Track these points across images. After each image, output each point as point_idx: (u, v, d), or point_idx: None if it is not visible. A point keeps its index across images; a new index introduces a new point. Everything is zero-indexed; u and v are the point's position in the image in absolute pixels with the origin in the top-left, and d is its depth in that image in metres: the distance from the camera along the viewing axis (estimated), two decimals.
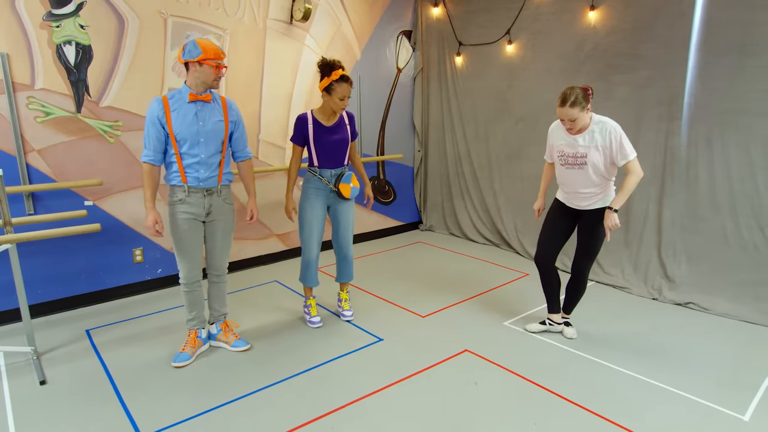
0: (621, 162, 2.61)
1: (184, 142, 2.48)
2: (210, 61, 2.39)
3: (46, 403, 2.38)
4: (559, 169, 2.84)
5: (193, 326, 2.79)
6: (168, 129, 2.45)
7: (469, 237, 5.15)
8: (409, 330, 3.13)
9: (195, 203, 2.57)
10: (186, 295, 2.73)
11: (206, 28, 3.77)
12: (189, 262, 2.64)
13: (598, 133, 2.63)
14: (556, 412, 2.30)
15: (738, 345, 2.92)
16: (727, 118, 3.29)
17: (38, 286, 3.33)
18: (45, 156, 3.25)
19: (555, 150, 2.82)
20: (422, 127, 5.47)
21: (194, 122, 2.48)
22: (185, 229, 2.57)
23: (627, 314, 3.34)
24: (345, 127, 3.01)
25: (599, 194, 2.73)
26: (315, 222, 3.02)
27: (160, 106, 2.44)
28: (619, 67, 3.73)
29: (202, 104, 2.51)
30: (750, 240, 3.26)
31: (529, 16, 4.34)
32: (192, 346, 2.77)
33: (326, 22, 4.48)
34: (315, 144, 2.95)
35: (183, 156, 2.49)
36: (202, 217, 2.62)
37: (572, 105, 2.53)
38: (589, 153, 2.65)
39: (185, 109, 2.47)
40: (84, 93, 3.33)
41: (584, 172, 2.69)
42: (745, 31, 3.15)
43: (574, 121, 2.59)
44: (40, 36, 3.13)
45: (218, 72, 2.44)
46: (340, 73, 2.79)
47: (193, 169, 2.52)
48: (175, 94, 2.49)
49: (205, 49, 2.37)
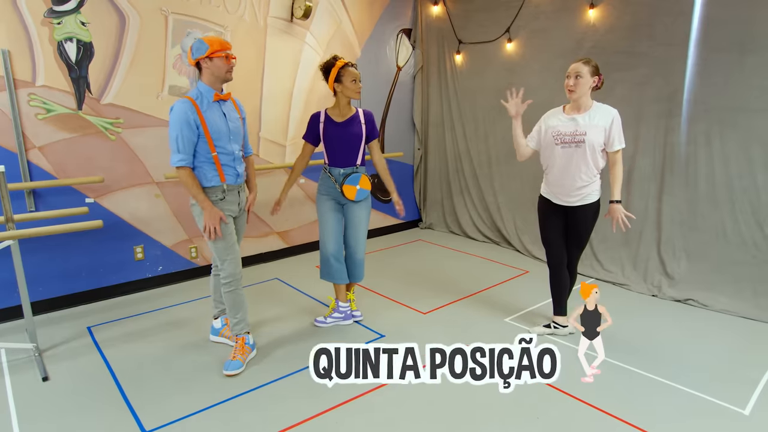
0: (616, 146, 2.67)
1: (219, 141, 2.48)
2: (219, 52, 2.39)
3: (49, 400, 2.38)
4: (551, 154, 2.80)
5: (241, 330, 2.68)
6: (204, 129, 2.42)
7: (468, 235, 5.16)
8: (411, 327, 3.14)
9: (232, 201, 2.58)
10: (231, 295, 2.62)
11: (207, 26, 3.77)
12: (236, 258, 2.59)
13: (600, 115, 2.68)
14: (557, 406, 2.31)
15: (737, 340, 2.93)
16: (727, 115, 3.30)
17: (40, 284, 3.32)
18: (46, 153, 3.25)
19: (550, 132, 2.79)
20: (422, 125, 5.48)
21: (224, 121, 2.50)
22: (229, 225, 2.55)
23: (627, 311, 3.36)
24: (359, 125, 2.94)
25: (586, 187, 2.73)
26: (329, 218, 2.99)
27: (191, 108, 2.39)
28: (619, 65, 3.74)
29: (223, 103, 2.53)
30: (749, 236, 3.28)
31: (528, 14, 4.35)
32: (242, 354, 2.63)
33: (327, 20, 4.48)
34: (325, 140, 2.94)
35: (219, 155, 2.49)
36: (236, 213, 2.63)
37: (585, 63, 2.65)
38: (589, 131, 2.67)
39: (213, 108, 2.47)
40: (85, 90, 3.33)
41: (581, 151, 2.69)
42: (744, 29, 3.16)
43: (578, 80, 2.64)
44: (41, 33, 3.13)
45: (229, 62, 2.44)
46: (344, 62, 2.84)
47: (231, 167, 2.54)
48: (196, 94, 2.45)
49: (211, 42, 2.38)
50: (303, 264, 4.38)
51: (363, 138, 2.96)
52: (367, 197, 3.02)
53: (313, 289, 3.76)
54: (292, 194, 4.53)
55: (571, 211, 2.82)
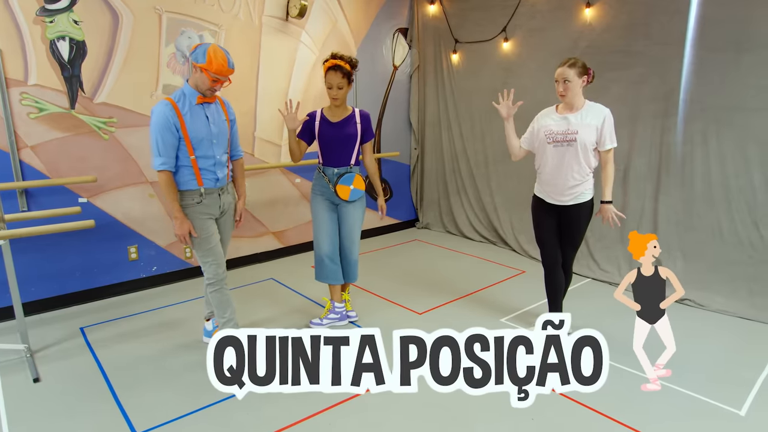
0: (607, 145, 2.67)
1: (199, 145, 2.44)
2: (209, 73, 2.33)
3: (40, 401, 2.36)
4: (544, 154, 2.80)
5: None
6: (183, 133, 2.38)
7: (465, 235, 5.15)
8: (406, 327, 3.11)
9: (211, 204, 2.54)
10: (216, 295, 2.60)
11: (201, 24, 3.75)
12: (217, 260, 2.58)
13: (592, 114, 2.67)
14: (552, 407, 2.30)
15: (734, 340, 2.93)
16: (723, 115, 3.29)
17: (32, 284, 3.30)
18: (38, 152, 3.22)
19: (542, 132, 2.78)
20: (418, 125, 5.46)
21: (206, 124, 2.46)
22: (208, 228, 2.53)
23: (623, 311, 3.31)
24: (354, 125, 2.92)
25: (579, 186, 2.73)
26: (323, 218, 2.98)
27: (171, 111, 2.34)
28: (615, 64, 3.73)
29: (207, 105, 2.49)
30: (745, 236, 3.27)
31: (525, 14, 4.34)
32: None
33: (322, 19, 4.46)
34: (319, 139, 2.93)
35: (198, 159, 2.45)
36: (216, 215, 2.61)
37: (570, 66, 2.61)
38: (581, 131, 2.66)
39: (195, 112, 2.43)
40: (78, 89, 3.30)
41: (573, 150, 2.68)
42: (740, 28, 3.15)
43: (567, 84, 2.62)
44: (34, 31, 3.10)
45: (213, 85, 2.37)
46: (332, 63, 2.79)
47: (210, 171, 2.50)
48: (179, 96, 2.40)
49: (209, 60, 2.30)
50: (298, 264, 4.36)
51: (358, 138, 2.94)
52: (361, 197, 3.00)
53: (308, 289, 3.74)
54: (287, 194, 4.51)
55: (564, 210, 2.81)
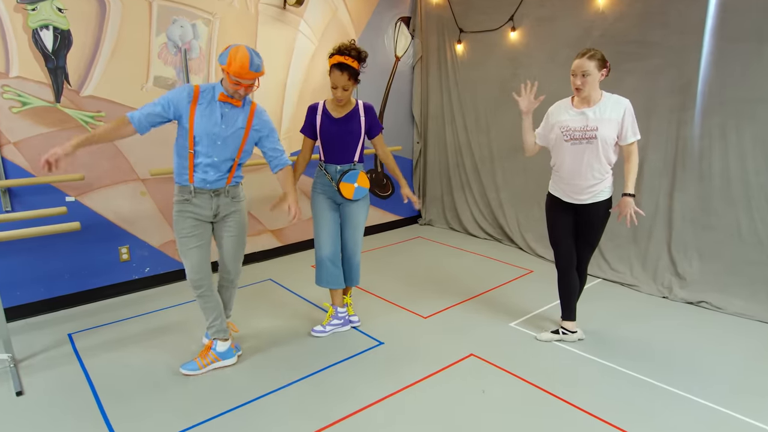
0: (630, 139, 2.51)
1: (201, 141, 2.31)
2: (229, 76, 2.23)
3: (22, 416, 2.21)
4: (560, 152, 2.64)
5: (214, 334, 2.57)
6: (189, 123, 2.28)
7: (469, 231, 5.00)
8: (411, 332, 2.97)
9: (202, 204, 2.40)
10: (197, 300, 2.53)
11: (194, 12, 3.56)
12: (192, 265, 2.45)
13: (611, 107, 2.50)
14: (565, 420, 2.16)
15: (754, 346, 2.79)
16: (743, 108, 3.13)
17: (17, 288, 3.14)
18: (22, 149, 3.05)
19: (558, 128, 2.62)
20: (421, 118, 5.29)
21: (218, 123, 2.32)
22: (188, 230, 2.41)
23: (636, 314, 3.21)
24: (358, 121, 2.74)
25: (599, 184, 2.57)
26: (324, 218, 2.81)
27: (189, 95, 2.28)
28: (630, 55, 3.55)
29: (230, 107, 2.35)
30: (765, 235, 3.12)
31: (533, 2, 4.15)
32: (202, 357, 2.56)
33: (321, 8, 4.27)
34: (321, 135, 2.75)
35: (196, 154, 2.33)
36: (209, 218, 2.46)
37: (590, 57, 2.44)
38: (601, 126, 2.49)
39: (212, 107, 2.31)
40: (63, 81, 3.12)
41: (593, 148, 2.52)
42: (763, 16, 2.98)
43: (585, 78, 2.45)
44: (15, 20, 2.92)
45: (235, 88, 2.26)
46: (337, 59, 2.56)
47: (202, 171, 2.35)
48: (208, 88, 2.33)
49: (229, 62, 2.19)
50: (298, 263, 4.21)
51: (362, 134, 2.76)
52: (365, 196, 2.84)
53: (308, 291, 3.59)
54: None
55: (581, 209, 2.65)
